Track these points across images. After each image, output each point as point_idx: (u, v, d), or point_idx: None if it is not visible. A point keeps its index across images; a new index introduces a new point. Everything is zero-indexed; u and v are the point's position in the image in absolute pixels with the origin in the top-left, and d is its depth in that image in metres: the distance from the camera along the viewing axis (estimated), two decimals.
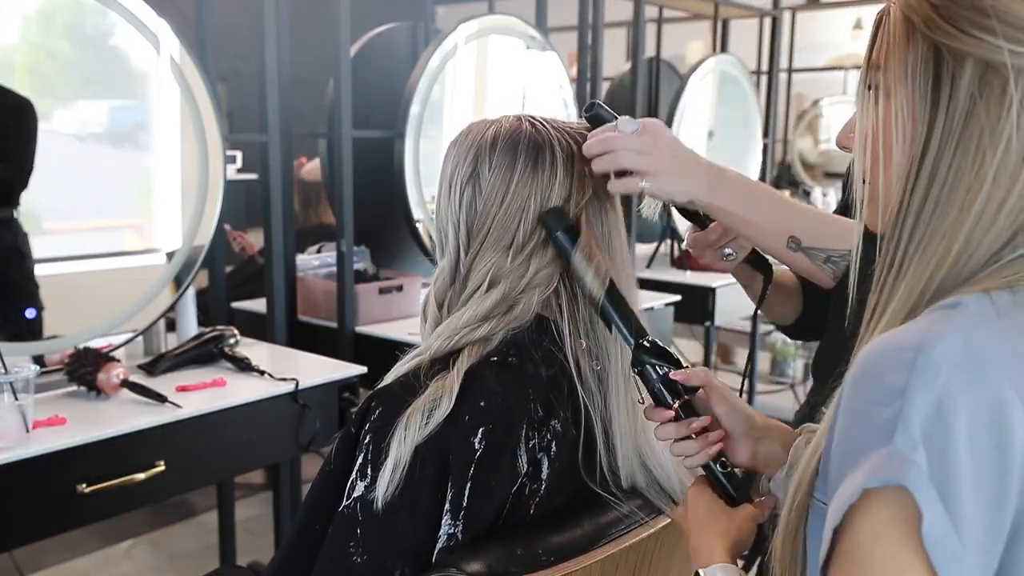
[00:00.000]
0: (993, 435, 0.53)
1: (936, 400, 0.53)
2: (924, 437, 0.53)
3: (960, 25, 0.58)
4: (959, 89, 0.59)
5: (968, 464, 0.53)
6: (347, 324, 2.48)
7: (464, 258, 1.01)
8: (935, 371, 0.54)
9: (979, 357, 0.54)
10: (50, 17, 1.91)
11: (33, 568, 2.69)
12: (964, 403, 0.53)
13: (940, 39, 0.59)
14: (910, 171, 0.61)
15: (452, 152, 1.03)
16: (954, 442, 0.53)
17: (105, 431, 1.60)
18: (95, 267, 2.05)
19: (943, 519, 0.53)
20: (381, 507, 0.89)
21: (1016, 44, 0.57)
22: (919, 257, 0.60)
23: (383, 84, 2.85)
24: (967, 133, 0.59)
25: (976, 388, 0.53)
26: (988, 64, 0.58)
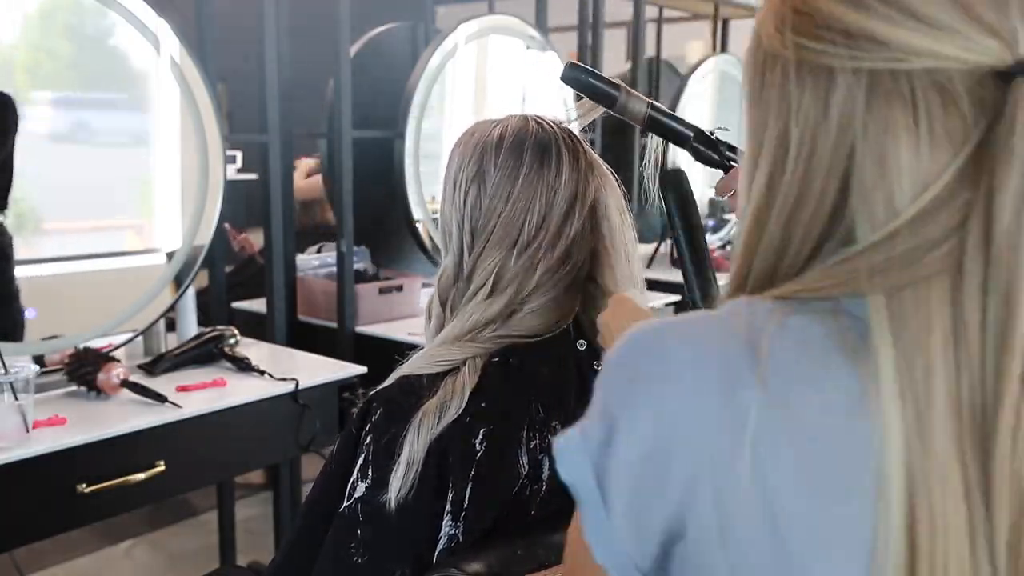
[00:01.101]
0: (651, 450, 0.52)
1: (625, 385, 0.54)
2: (603, 411, 0.54)
3: (774, 22, 0.56)
4: (770, 92, 0.56)
5: (626, 453, 0.53)
6: (347, 324, 2.48)
7: (468, 257, 1.00)
8: (632, 357, 0.55)
9: (669, 371, 0.53)
10: (50, 17, 1.91)
11: (33, 568, 2.69)
12: (639, 406, 0.53)
13: (764, 40, 0.57)
14: (744, 180, 0.59)
15: (457, 151, 1.03)
16: (619, 430, 0.53)
17: (105, 431, 1.60)
18: (95, 267, 2.05)
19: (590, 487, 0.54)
20: (388, 508, 0.89)
21: (801, 36, 0.53)
22: (734, 259, 0.59)
23: (383, 84, 2.85)
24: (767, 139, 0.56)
25: (649, 398, 0.53)
26: (784, 61, 0.54)
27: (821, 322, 0.51)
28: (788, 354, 0.50)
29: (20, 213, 1.87)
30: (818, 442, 0.49)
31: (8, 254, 1.85)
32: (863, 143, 0.50)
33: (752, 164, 0.57)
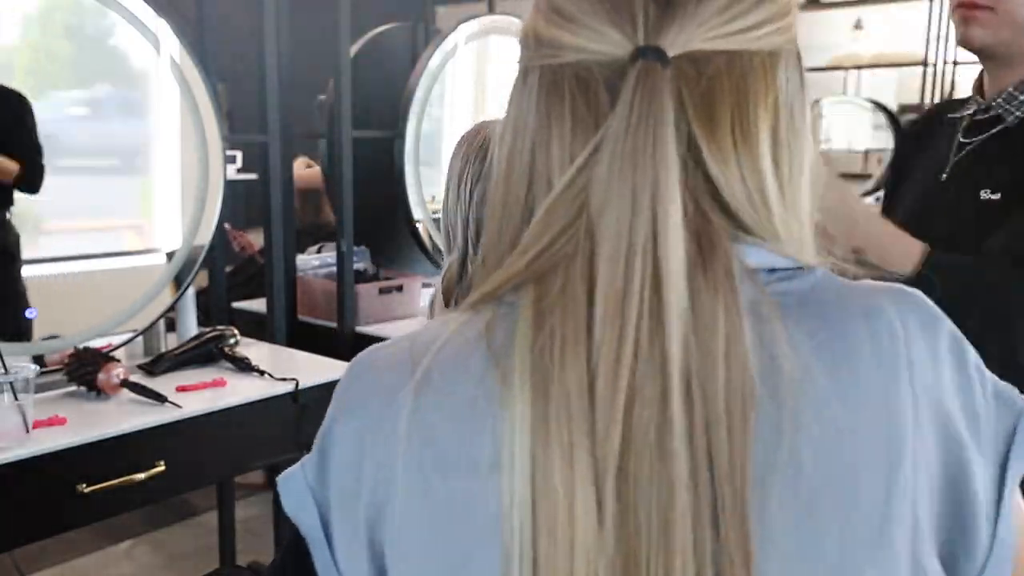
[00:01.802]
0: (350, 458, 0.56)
1: (332, 414, 0.59)
2: (317, 445, 0.58)
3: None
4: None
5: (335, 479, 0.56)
6: (347, 324, 2.48)
7: (473, 255, 1.01)
8: (339, 388, 0.59)
9: (364, 382, 0.57)
10: (50, 17, 1.91)
11: (33, 568, 2.69)
12: (340, 422, 0.57)
13: None
14: None
15: (461, 150, 1.03)
16: (328, 461, 0.57)
17: (105, 431, 1.60)
18: (95, 267, 2.05)
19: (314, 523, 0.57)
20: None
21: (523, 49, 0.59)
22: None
23: (383, 84, 2.85)
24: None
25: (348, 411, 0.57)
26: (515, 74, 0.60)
27: (479, 322, 0.54)
28: (445, 359, 0.53)
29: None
30: (455, 434, 0.52)
31: (15, 253, 1.86)
32: (538, 133, 0.54)
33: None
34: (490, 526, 0.49)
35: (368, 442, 0.54)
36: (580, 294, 0.49)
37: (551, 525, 0.47)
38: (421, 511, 0.52)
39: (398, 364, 0.55)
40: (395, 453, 0.53)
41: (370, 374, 0.57)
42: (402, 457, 0.52)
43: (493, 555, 0.49)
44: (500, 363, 0.50)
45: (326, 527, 0.56)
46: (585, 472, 0.47)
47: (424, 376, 0.53)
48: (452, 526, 0.51)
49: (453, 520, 0.51)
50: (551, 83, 0.54)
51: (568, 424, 0.48)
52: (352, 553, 0.55)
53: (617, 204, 0.48)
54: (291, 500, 0.57)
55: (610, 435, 0.47)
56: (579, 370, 0.48)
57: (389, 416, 0.53)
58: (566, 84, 0.53)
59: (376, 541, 0.54)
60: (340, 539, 0.55)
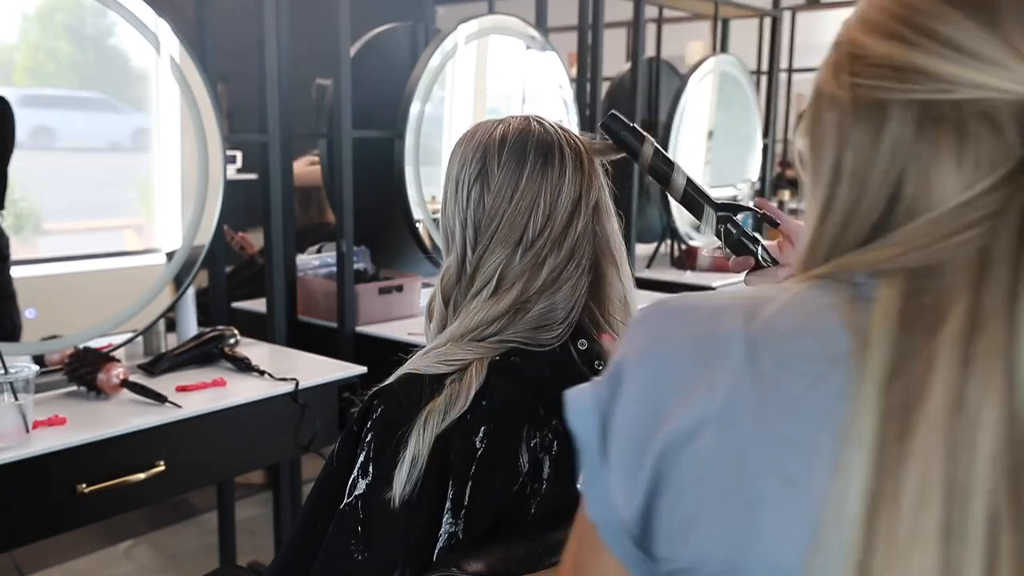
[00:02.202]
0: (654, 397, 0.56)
1: (630, 350, 0.58)
2: (612, 372, 0.58)
3: (832, 69, 0.61)
4: (825, 129, 0.61)
5: (626, 407, 0.57)
6: (347, 324, 2.48)
7: (471, 255, 1.01)
8: (643, 327, 0.59)
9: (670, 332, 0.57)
10: (50, 17, 1.91)
11: (33, 568, 2.69)
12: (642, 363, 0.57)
13: (822, 85, 0.62)
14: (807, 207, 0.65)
15: (459, 151, 1.03)
16: (622, 388, 0.57)
17: (105, 431, 1.60)
18: (95, 267, 2.05)
19: (592, 438, 0.58)
20: (389, 505, 0.89)
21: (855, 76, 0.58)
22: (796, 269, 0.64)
23: (383, 84, 2.85)
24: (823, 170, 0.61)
25: (650, 358, 0.57)
26: (839, 100, 0.59)
27: (831, 294, 0.54)
28: (786, 318, 0.54)
29: (20, 213, 1.87)
30: (790, 401, 0.51)
31: (5, 254, 1.85)
32: (912, 166, 0.54)
33: (811, 191, 0.62)
34: (805, 505, 0.49)
35: (679, 380, 0.55)
36: (957, 306, 0.48)
37: (890, 538, 0.46)
38: (728, 460, 0.52)
39: (725, 312, 0.56)
40: (714, 398, 0.53)
41: (693, 316, 0.57)
42: (721, 404, 0.53)
43: (798, 534, 0.49)
44: (858, 346, 0.50)
45: (604, 443, 0.57)
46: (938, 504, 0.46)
47: (763, 330, 0.53)
48: (757, 487, 0.51)
49: (760, 482, 0.51)
50: (940, 116, 0.53)
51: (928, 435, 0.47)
52: (628, 476, 0.56)
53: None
54: (575, 414, 0.59)
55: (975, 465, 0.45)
56: (949, 380, 0.47)
57: (712, 360, 0.54)
58: (966, 119, 0.52)
59: (661, 475, 0.54)
60: (618, 461, 0.56)
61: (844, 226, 0.58)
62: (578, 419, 0.59)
